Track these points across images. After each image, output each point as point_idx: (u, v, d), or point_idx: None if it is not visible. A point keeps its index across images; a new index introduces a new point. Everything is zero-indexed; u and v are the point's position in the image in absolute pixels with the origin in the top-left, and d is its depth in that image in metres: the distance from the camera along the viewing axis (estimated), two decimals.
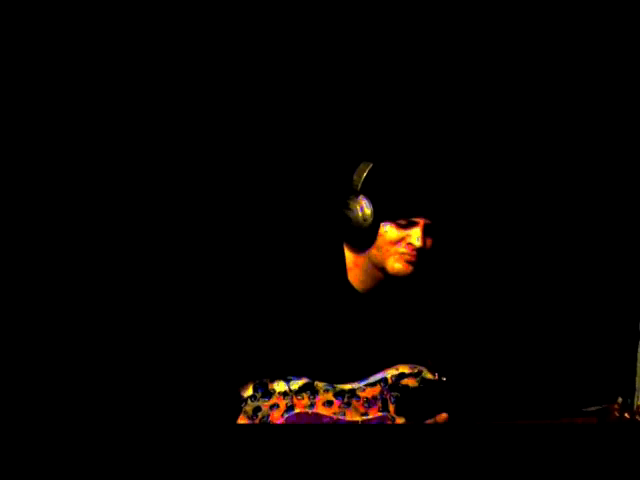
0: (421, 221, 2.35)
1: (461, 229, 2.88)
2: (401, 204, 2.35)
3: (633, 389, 2.63)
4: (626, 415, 2.36)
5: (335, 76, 3.00)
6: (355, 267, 2.45)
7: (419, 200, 2.36)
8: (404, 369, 2.42)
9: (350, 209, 2.38)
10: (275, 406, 2.36)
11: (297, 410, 2.36)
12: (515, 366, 3.05)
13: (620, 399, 2.38)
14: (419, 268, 2.41)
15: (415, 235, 2.35)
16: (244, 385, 2.36)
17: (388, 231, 2.37)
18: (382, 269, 2.40)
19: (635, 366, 2.69)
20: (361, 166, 2.40)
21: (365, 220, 2.37)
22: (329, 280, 2.44)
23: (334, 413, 2.37)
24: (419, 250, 2.36)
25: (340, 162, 2.60)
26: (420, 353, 2.45)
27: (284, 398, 2.36)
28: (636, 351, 2.66)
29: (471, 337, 2.98)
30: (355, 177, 2.40)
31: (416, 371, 2.41)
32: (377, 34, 3.01)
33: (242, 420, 2.33)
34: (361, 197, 2.37)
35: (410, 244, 2.36)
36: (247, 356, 2.38)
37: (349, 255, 2.46)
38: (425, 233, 2.36)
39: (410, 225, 2.36)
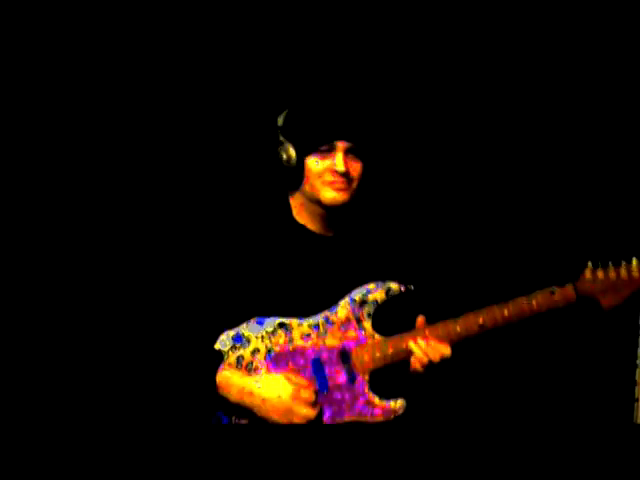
0: (340, 145, 2.40)
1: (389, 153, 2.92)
2: (317, 132, 2.40)
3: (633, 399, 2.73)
4: (599, 274, 2.43)
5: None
6: (301, 209, 2.49)
7: (332, 124, 2.40)
8: (369, 285, 2.47)
9: (279, 154, 2.44)
10: (256, 350, 2.40)
11: (277, 350, 2.41)
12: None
13: (589, 263, 2.44)
14: (361, 197, 2.45)
15: (337, 160, 2.39)
16: (219, 339, 2.41)
17: (313, 163, 2.42)
18: (318, 202, 2.44)
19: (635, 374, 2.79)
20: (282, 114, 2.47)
21: (290, 159, 2.42)
22: (279, 224, 2.49)
23: (314, 344, 2.42)
24: (347, 175, 2.40)
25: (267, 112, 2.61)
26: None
27: (262, 341, 2.41)
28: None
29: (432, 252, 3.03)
30: (278, 124, 2.46)
31: (381, 283, 2.46)
32: None
33: (228, 372, 2.37)
34: (283, 140, 2.43)
35: (334, 171, 2.40)
36: (216, 309, 2.41)
37: (294, 199, 2.50)
38: (349, 157, 2.40)
39: (331, 151, 2.40)
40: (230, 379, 2.36)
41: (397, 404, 2.42)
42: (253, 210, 2.52)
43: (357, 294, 2.45)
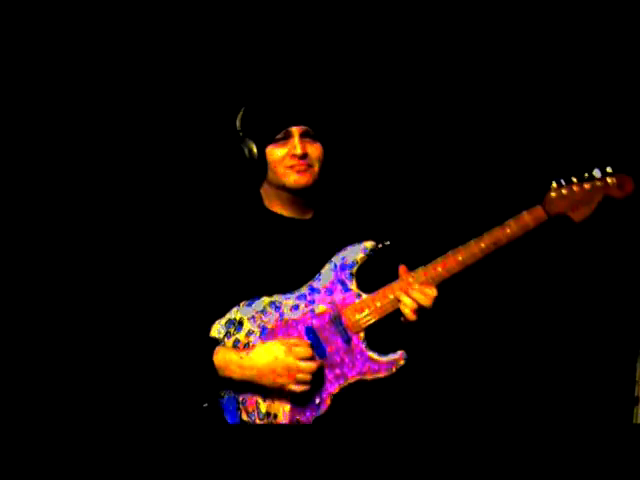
0: (295, 129, 2.49)
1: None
2: (269, 123, 2.49)
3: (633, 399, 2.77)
4: (564, 191, 2.48)
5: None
6: (271, 198, 2.57)
7: (282, 112, 2.49)
8: (346, 249, 2.52)
9: (242, 150, 2.54)
10: (250, 332, 2.45)
11: (270, 326, 2.46)
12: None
13: (553, 182, 2.50)
14: (330, 178, 2.53)
15: (294, 144, 2.48)
16: (213, 327, 2.47)
17: (273, 152, 2.51)
18: (284, 188, 2.53)
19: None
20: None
21: (252, 153, 2.52)
22: (253, 215, 2.57)
23: (304, 314, 2.47)
24: (305, 157, 2.48)
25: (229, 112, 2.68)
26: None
27: (254, 322, 2.46)
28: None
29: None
30: (236, 123, 2.56)
31: (357, 244, 2.52)
32: None
33: (223, 352, 2.41)
34: (243, 137, 2.53)
35: (293, 154, 2.48)
36: (204, 301, 2.47)
37: (264, 190, 2.58)
38: (306, 140, 2.49)
39: (288, 138, 2.49)
40: (227, 358, 2.41)
41: (397, 356, 2.45)
42: (228, 206, 2.59)
43: (336, 258, 2.51)
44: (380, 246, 2.52)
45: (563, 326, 3.17)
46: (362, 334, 2.46)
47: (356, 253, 2.50)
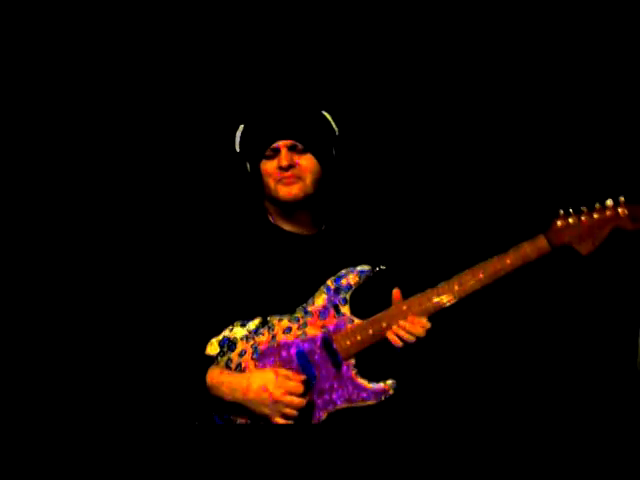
0: (281, 143, 2.48)
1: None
2: (257, 141, 2.51)
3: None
4: (571, 220, 2.35)
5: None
6: (273, 212, 2.57)
7: (267, 129, 2.50)
8: (341, 272, 2.48)
9: (243, 168, 2.57)
10: (243, 352, 2.46)
11: (262, 347, 2.45)
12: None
13: (561, 211, 2.37)
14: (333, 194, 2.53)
15: (280, 157, 2.48)
16: (209, 344, 2.48)
17: (264, 168, 2.51)
18: (277, 202, 2.52)
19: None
20: None
21: (249, 171, 2.56)
22: (257, 228, 2.57)
23: (296, 336, 2.45)
24: (291, 169, 2.47)
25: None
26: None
27: (247, 341, 2.46)
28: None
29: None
30: (236, 142, 2.59)
31: (351, 268, 2.47)
32: None
33: (217, 371, 2.42)
34: (241, 155, 2.56)
35: (279, 166, 2.48)
36: (201, 315, 2.48)
37: (267, 204, 2.58)
38: (294, 153, 2.48)
39: (276, 153, 2.49)
40: (220, 378, 2.41)
41: (386, 385, 2.41)
42: (233, 219, 2.61)
43: (330, 281, 2.47)
44: (376, 270, 2.47)
45: (562, 327, 3.07)
46: (353, 360, 2.43)
47: (351, 277, 2.46)
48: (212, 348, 2.47)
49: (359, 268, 2.46)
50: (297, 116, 2.52)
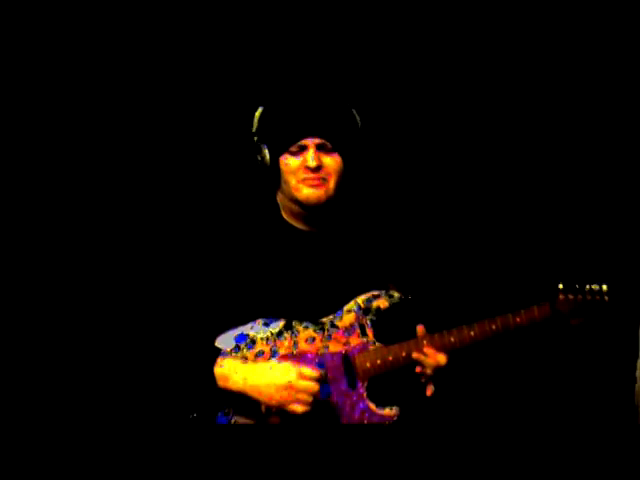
0: (310, 141, 2.42)
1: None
2: (285, 133, 2.42)
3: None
4: (570, 297, 2.54)
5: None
6: (285, 208, 2.53)
7: (299, 123, 2.41)
8: (373, 292, 2.53)
9: (256, 157, 2.49)
10: (260, 353, 2.45)
11: (281, 352, 2.46)
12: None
13: (561, 285, 2.55)
14: (343, 193, 2.49)
15: (308, 156, 2.42)
16: (220, 337, 2.45)
17: (287, 163, 2.44)
18: (296, 201, 2.47)
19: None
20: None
21: (264, 161, 2.47)
22: (268, 223, 2.53)
23: (317, 349, 2.47)
24: (319, 171, 2.42)
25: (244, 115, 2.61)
26: (380, 280, 2.56)
27: (267, 343, 2.45)
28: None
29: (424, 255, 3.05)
30: (253, 124, 2.50)
31: (384, 291, 2.53)
32: None
33: (230, 359, 2.39)
34: (258, 142, 2.47)
35: (307, 167, 2.42)
36: (210, 310, 2.45)
37: (279, 198, 2.53)
38: (322, 153, 2.42)
39: (303, 150, 2.42)
40: (233, 367, 2.38)
41: (392, 412, 2.48)
42: (245, 214, 2.55)
43: (362, 300, 2.51)
44: (403, 298, 2.54)
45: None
46: (366, 383, 2.48)
47: (382, 300, 2.51)
48: (224, 342, 2.44)
49: (390, 293, 2.52)
50: (329, 113, 2.43)
